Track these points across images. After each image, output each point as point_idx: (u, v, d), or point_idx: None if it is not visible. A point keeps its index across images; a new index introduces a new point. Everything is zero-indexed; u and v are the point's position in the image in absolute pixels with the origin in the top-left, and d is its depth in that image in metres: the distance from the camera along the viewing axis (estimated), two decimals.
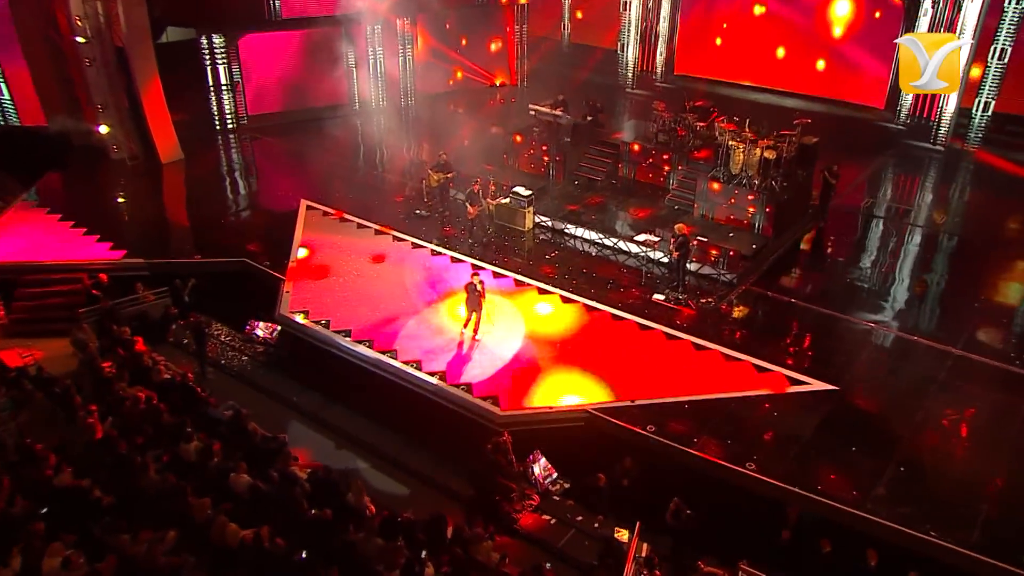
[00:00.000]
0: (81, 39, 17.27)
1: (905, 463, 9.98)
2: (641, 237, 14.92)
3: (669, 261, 13.91)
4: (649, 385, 11.39)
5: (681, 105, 17.58)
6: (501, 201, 15.86)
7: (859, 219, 16.64)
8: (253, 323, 13.83)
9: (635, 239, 14.95)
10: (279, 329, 13.51)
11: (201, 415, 10.84)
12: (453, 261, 14.77)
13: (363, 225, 16.03)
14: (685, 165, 16.73)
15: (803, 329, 13.10)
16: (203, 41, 19.85)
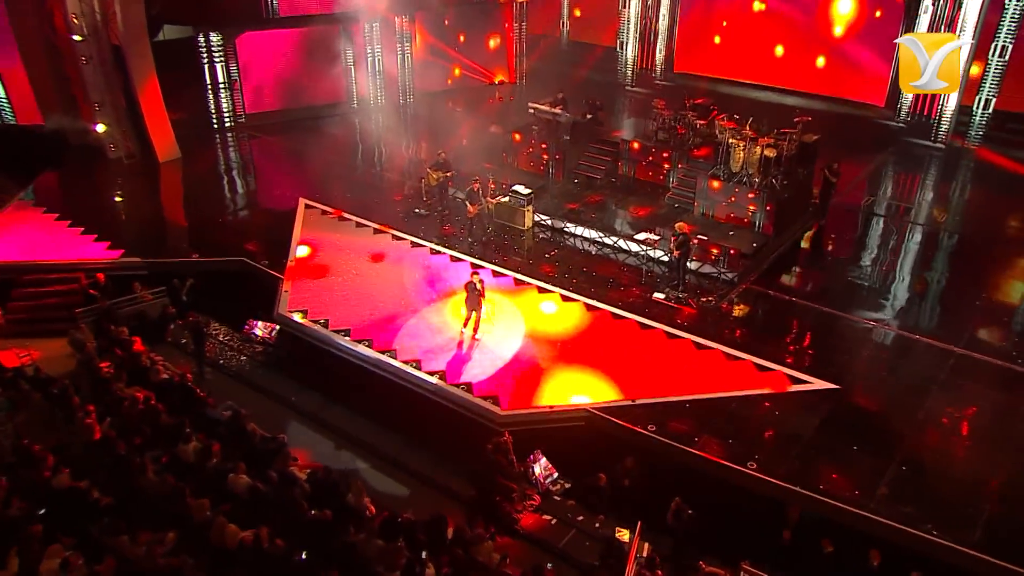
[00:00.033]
0: (77, 37, 17.20)
1: (907, 462, 9.95)
2: (641, 236, 14.88)
3: (669, 260, 13.87)
4: (650, 384, 11.35)
5: (681, 103, 17.53)
6: (501, 200, 15.81)
7: (860, 217, 16.61)
8: (252, 323, 13.80)
9: (635, 238, 14.90)
10: (278, 329, 13.47)
11: (200, 415, 10.80)
12: (452, 260, 14.73)
13: (362, 224, 15.98)
14: (685, 163, 16.69)
15: (804, 328, 13.07)
16: (200, 39, 19.78)
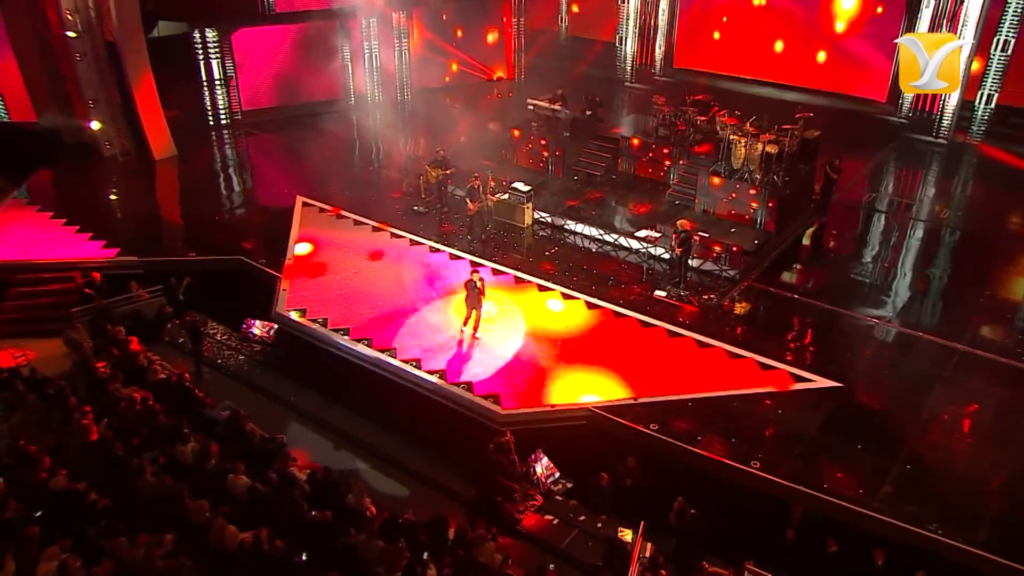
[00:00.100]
0: (72, 33, 17.05)
1: (911, 461, 9.89)
2: (642, 233, 14.79)
3: (671, 257, 13.79)
4: (652, 383, 11.27)
5: (681, 99, 17.41)
6: (500, 197, 15.70)
7: (861, 214, 16.53)
8: (249, 322, 13.71)
9: (636, 235, 14.82)
10: (276, 328, 13.37)
11: (198, 416, 10.75)
12: (452, 258, 14.63)
13: (360, 222, 15.87)
14: (686, 160, 16.60)
15: (806, 325, 12.99)
16: (196, 35, 19.63)
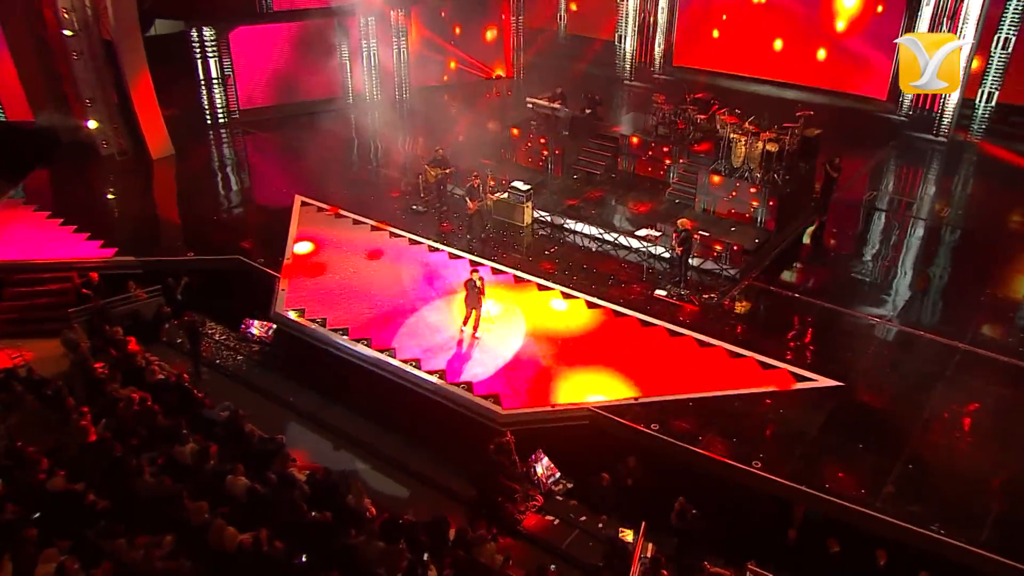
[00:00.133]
0: (68, 32, 16.96)
1: (913, 460, 9.86)
2: (642, 232, 14.74)
3: (671, 256, 13.75)
4: (652, 382, 11.23)
5: (681, 97, 17.38)
6: (500, 196, 15.65)
7: (861, 212, 16.49)
8: (248, 322, 13.66)
9: (636, 234, 14.77)
10: (274, 327, 13.32)
11: (196, 416, 10.71)
12: (451, 257, 14.58)
13: (359, 221, 15.81)
14: (686, 158, 16.55)
15: (807, 324, 12.96)
16: (193, 34, 19.55)
